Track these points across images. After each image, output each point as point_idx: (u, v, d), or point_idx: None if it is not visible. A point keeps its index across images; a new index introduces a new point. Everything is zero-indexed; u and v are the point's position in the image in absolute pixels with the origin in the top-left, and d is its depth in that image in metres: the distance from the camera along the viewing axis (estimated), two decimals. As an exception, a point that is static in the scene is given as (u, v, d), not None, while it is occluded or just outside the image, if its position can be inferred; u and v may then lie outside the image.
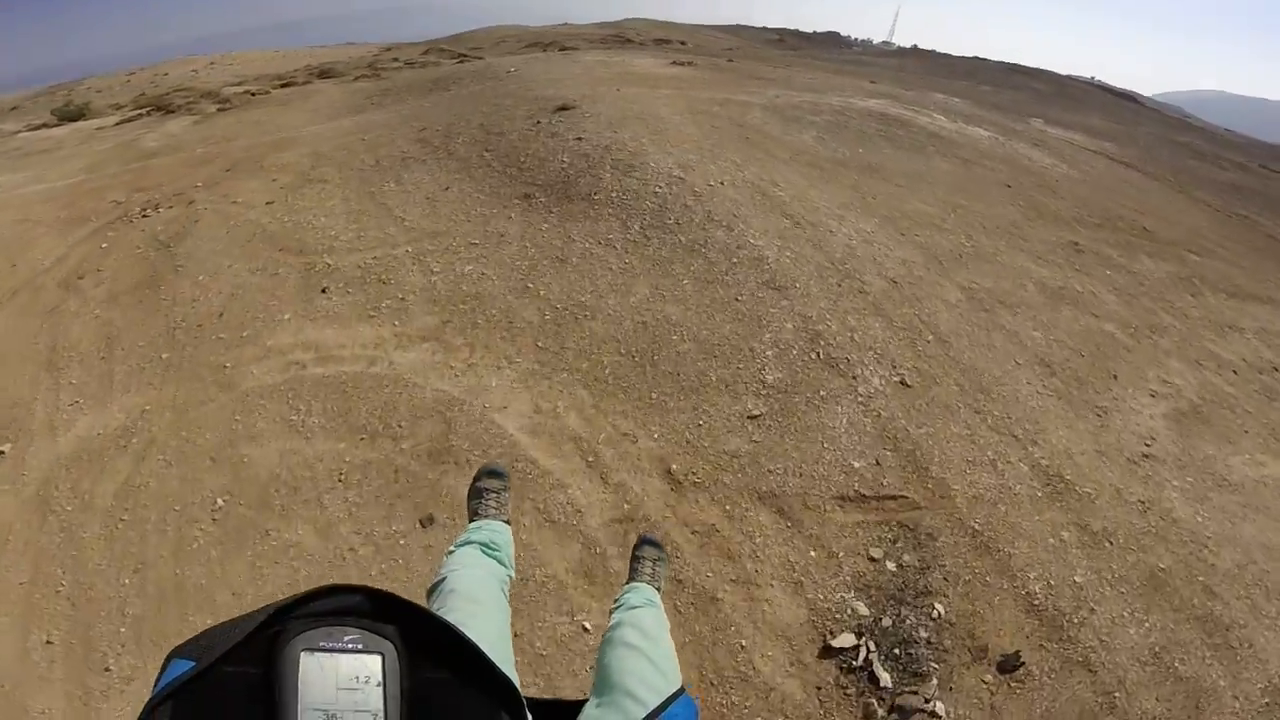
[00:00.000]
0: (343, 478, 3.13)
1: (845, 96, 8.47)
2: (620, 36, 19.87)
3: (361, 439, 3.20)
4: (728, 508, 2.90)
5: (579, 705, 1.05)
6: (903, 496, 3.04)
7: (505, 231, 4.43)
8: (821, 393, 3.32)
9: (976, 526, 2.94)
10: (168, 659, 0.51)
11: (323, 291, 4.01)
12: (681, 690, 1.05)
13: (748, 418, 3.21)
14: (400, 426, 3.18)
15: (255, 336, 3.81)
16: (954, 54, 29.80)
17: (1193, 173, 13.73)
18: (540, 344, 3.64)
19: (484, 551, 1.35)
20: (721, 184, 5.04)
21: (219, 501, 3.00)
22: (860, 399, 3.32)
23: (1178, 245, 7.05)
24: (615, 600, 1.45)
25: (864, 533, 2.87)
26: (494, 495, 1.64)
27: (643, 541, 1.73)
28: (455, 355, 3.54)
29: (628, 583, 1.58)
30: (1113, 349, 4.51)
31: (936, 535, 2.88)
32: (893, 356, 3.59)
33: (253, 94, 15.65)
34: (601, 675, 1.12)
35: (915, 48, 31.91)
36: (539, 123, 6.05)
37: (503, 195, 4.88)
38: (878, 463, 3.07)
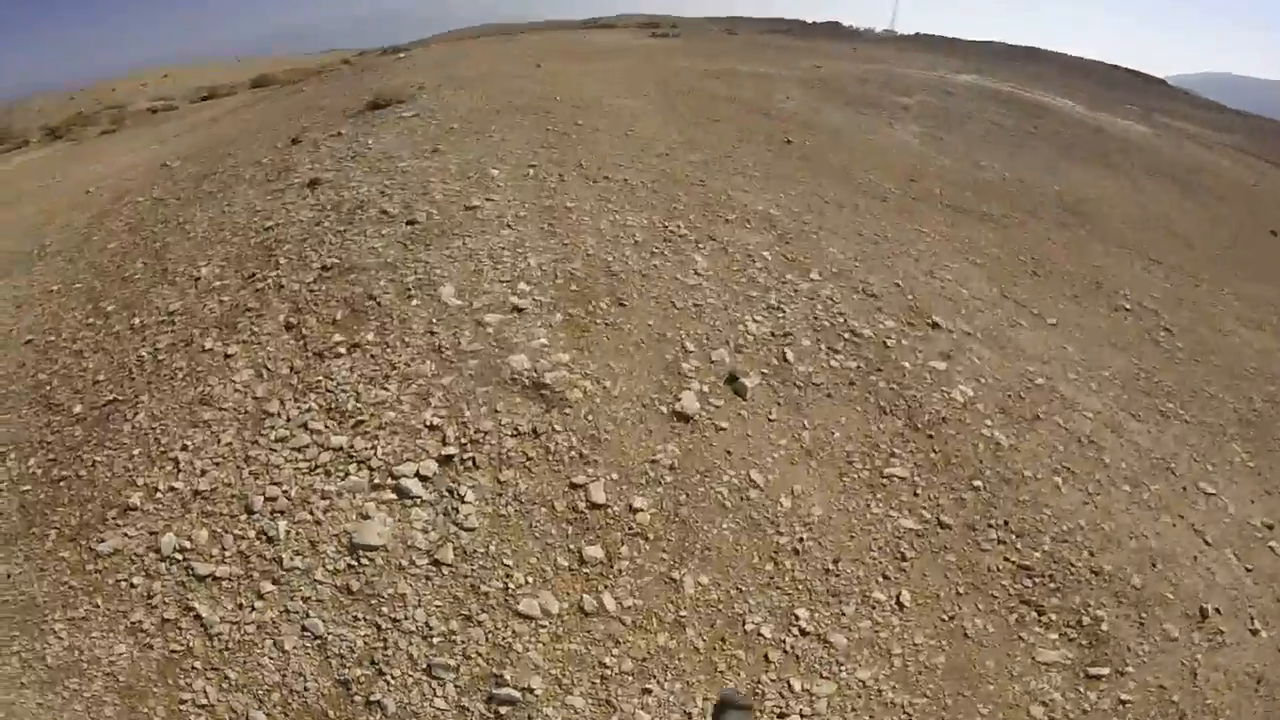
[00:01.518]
0: None
1: (924, 69, 4.66)
2: (601, 24, 15.91)
3: None
4: None
5: None
6: None
7: None
8: None
9: None
10: None
11: None
12: None
13: None
14: None
15: None
16: (963, 39, 25.29)
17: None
18: None
19: None
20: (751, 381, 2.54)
21: None
22: None
23: None
24: None
25: None
26: None
27: (725, 705, 1.69)
28: None
29: None
30: None
31: None
32: None
33: (154, 111, 12.09)
34: None
35: (918, 35, 27.50)
36: (297, 141, 2.39)
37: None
38: None
